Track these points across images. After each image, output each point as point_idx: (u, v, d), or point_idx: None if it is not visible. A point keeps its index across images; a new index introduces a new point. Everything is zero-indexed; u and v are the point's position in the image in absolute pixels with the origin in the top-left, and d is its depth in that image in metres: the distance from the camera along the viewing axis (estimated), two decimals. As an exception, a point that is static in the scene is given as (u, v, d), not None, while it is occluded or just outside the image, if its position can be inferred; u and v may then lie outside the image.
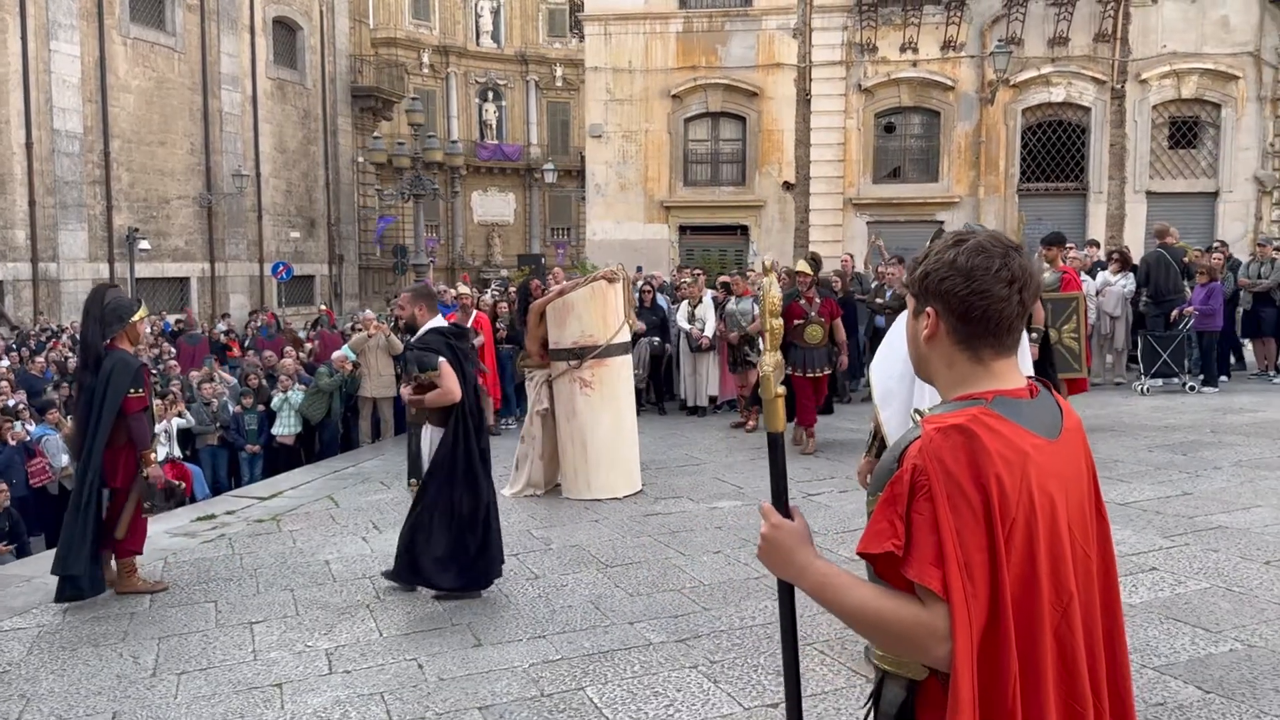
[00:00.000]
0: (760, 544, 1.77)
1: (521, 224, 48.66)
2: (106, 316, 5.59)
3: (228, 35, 27.61)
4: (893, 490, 1.57)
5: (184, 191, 26.28)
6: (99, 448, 5.53)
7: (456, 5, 46.45)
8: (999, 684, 1.57)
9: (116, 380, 5.48)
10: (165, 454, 11.13)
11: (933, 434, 1.57)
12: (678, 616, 4.93)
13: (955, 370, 1.70)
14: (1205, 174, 22.44)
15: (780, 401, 1.88)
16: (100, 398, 5.49)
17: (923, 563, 1.52)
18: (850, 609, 1.60)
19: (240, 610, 5.43)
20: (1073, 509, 1.69)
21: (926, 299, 1.70)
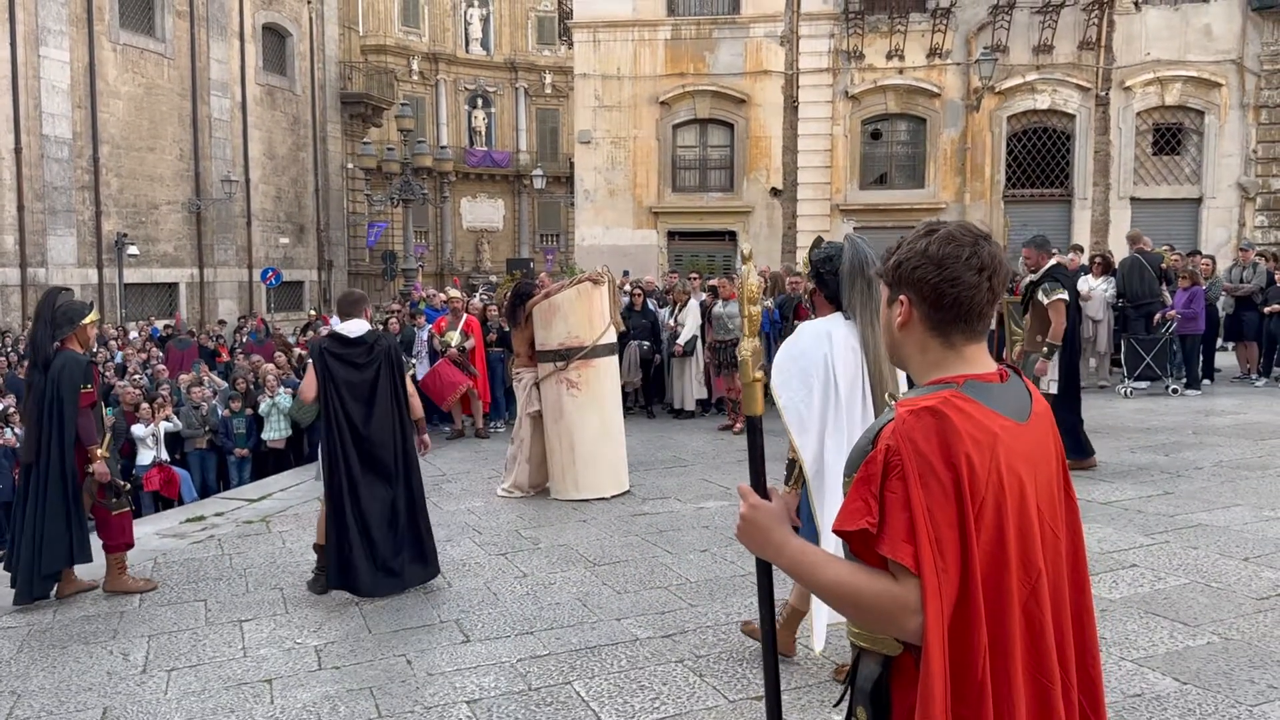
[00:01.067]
0: (739, 524, 1.83)
1: (510, 230, 48.74)
2: (57, 319, 5.64)
3: (217, 41, 27.61)
4: (867, 470, 1.63)
5: (173, 197, 26.25)
6: (68, 445, 5.57)
7: (446, 13, 46.56)
8: (969, 656, 1.63)
9: (68, 377, 5.52)
10: (153, 457, 11.17)
11: (905, 415, 1.63)
12: (664, 613, 4.99)
13: (928, 355, 1.76)
14: (1189, 180, 22.66)
15: (759, 386, 1.94)
16: (54, 397, 5.53)
17: (895, 539, 1.58)
18: (825, 584, 1.66)
19: (230, 609, 5.46)
20: (1041, 490, 1.75)
21: (899, 287, 1.77)
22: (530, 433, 8.13)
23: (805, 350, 3.79)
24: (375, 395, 5.57)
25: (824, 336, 3.79)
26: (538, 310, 7.86)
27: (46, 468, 5.57)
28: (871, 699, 1.75)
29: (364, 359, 5.60)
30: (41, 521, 5.55)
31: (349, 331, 5.69)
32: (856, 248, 3.85)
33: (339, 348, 5.64)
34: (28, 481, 5.71)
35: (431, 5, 46.01)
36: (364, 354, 5.62)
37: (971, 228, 1.78)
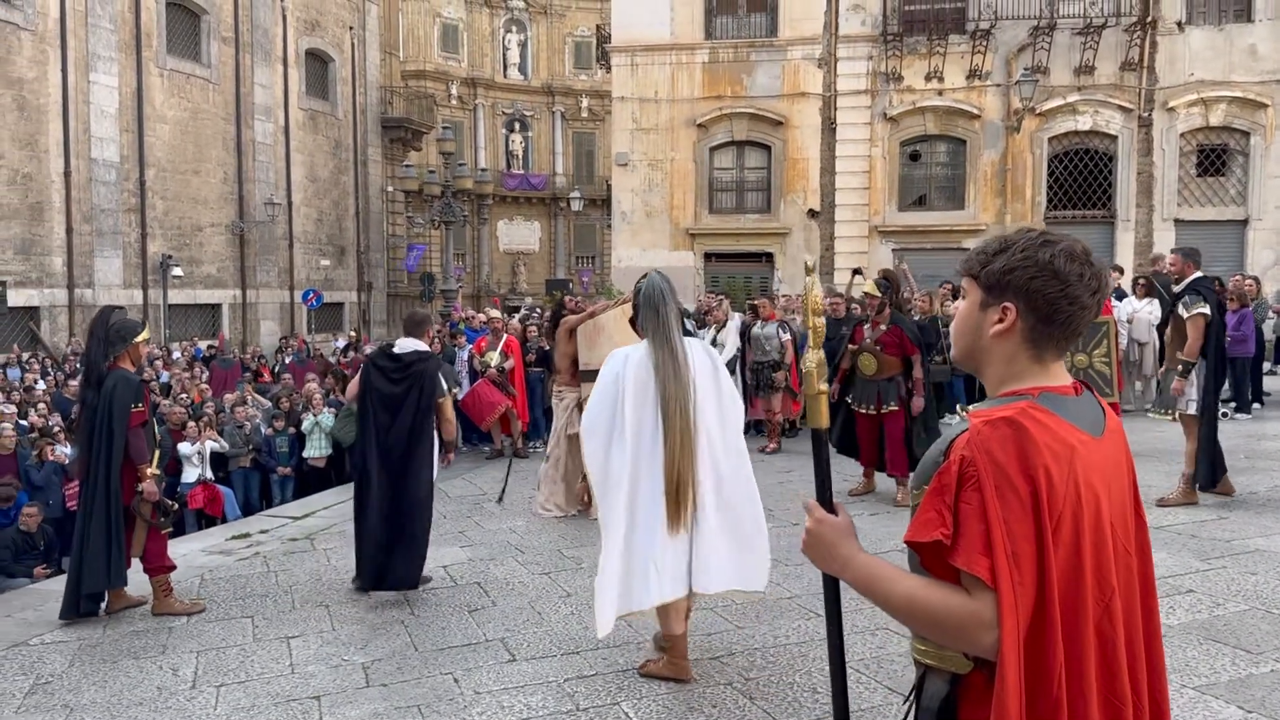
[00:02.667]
0: (805, 538, 1.80)
1: (546, 252, 49.05)
2: (110, 337, 5.70)
3: (261, 67, 28.10)
4: (940, 481, 1.60)
5: (217, 219, 26.67)
6: (116, 464, 5.61)
7: (485, 39, 47.13)
8: (1045, 673, 1.59)
9: (120, 396, 5.57)
10: (198, 475, 11.30)
11: (980, 426, 1.60)
12: (710, 635, 4.94)
13: (1012, 367, 1.73)
14: (1234, 201, 22.34)
15: (823, 398, 1.92)
16: (105, 415, 5.58)
17: (971, 551, 1.55)
18: (897, 600, 1.63)
19: (277, 625, 5.49)
20: (1115, 506, 1.71)
21: (1004, 294, 1.71)
22: (566, 452, 8.13)
23: (606, 372, 4.31)
24: (401, 408, 5.96)
25: (622, 359, 4.27)
26: (582, 330, 7.87)
27: (94, 486, 5.63)
28: (939, 718, 1.71)
29: (399, 375, 6.00)
30: (86, 539, 5.60)
31: (397, 348, 6.13)
32: (652, 282, 4.37)
33: (383, 361, 6.12)
34: (81, 497, 5.78)
35: (471, 31, 46.60)
36: (400, 371, 6.01)
37: (1084, 245, 1.75)
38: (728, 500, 4.28)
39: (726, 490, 4.28)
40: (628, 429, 4.16)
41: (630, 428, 4.15)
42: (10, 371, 17.89)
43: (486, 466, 10.71)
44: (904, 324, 7.99)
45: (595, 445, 4.23)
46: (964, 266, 1.82)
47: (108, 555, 5.58)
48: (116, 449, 5.60)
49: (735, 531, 4.29)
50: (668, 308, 4.27)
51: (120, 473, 5.65)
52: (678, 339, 4.25)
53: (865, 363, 7.99)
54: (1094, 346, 9.08)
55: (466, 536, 7.46)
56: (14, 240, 20.91)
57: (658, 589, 4.11)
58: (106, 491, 5.60)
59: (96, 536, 5.57)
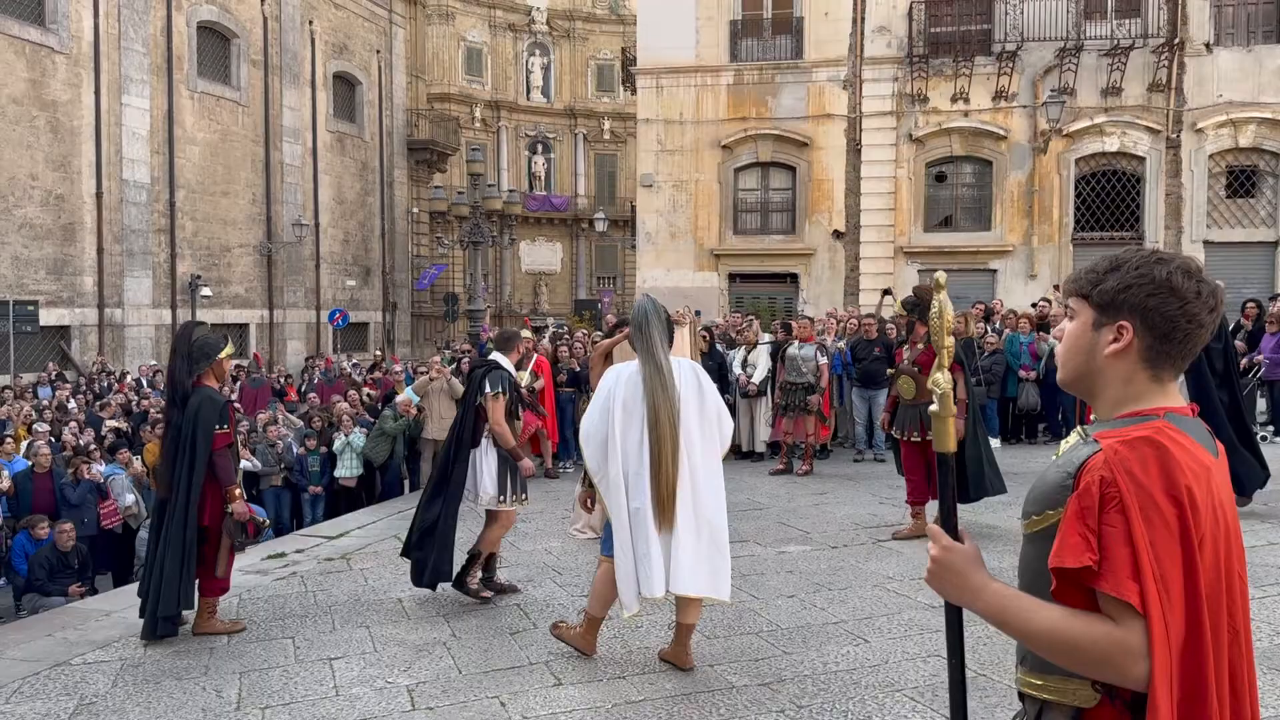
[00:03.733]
0: (930, 567, 1.75)
1: (568, 273, 49.21)
2: (194, 354, 5.68)
3: (290, 90, 28.40)
4: (1080, 504, 1.55)
5: (245, 240, 26.91)
6: (196, 486, 5.58)
7: (509, 62, 47.50)
8: (1200, 701, 1.53)
9: (204, 416, 5.55)
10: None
11: (1117, 446, 1.55)
12: (758, 660, 4.88)
13: (1131, 388, 1.68)
14: (1265, 223, 22.13)
15: (951, 422, 1.88)
16: (189, 435, 5.56)
17: (1119, 577, 1.50)
18: (1037, 631, 1.57)
19: (318, 646, 5.46)
20: (1234, 529, 1.67)
21: (1119, 312, 1.67)
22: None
23: (601, 386, 4.84)
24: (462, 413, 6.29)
25: (615, 374, 4.78)
26: (619, 351, 7.82)
27: (173, 507, 5.59)
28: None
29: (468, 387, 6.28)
30: (161, 561, 5.58)
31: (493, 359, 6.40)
32: (639, 306, 4.82)
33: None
34: (160, 517, 5.75)
35: (494, 55, 46.98)
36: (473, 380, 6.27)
37: (1198, 263, 1.72)
38: (702, 511, 4.61)
39: (701, 501, 4.61)
40: (617, 440, 4.62)
41: (619, 438, 4.62)
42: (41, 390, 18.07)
43: (517, 487, 10.68)
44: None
45: (592, 450, 4.75)
46: (1072, 286, 1.77)
47: (180, 578, 5.54)
48: (198, 471, 5.55)
49: (709, 541, 4.61)
50: (651, 328, 4.68)
51: (201, 495, 5.62)
52: (663, 357, 4.68)
53: (904, 386, 7.53)
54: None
55: (502, 557, 7.41)
56: (46, 260, 21.15)
57: (660, 582, 4.54)
58: (185, 514, 5.55)
59: (172, 560, 5.54)
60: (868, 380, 11.48)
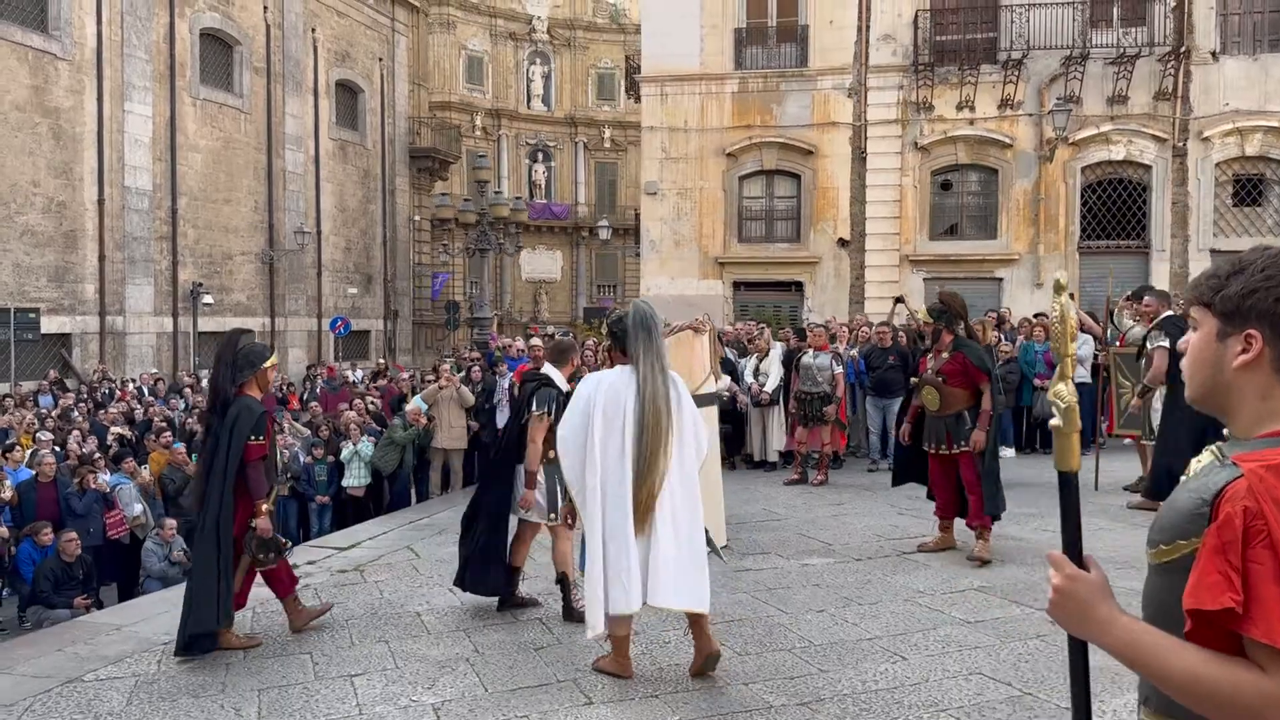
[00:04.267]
0: (1052, 597, 1.61)
1: (568, 281, 49.15)
2: (238, 362, 5.58)
3: (292, 97, 28.31)
4: (1221, 537, 1.40)
5: (247, 248, 26.78)
6: (229, 497, 5.47)
7: (509, 71, 47.51)
8: None
9: (240, 426, 5.44)
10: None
11: (1262, 472, 1.41)
12: (794, 678, 4.74)
13: (1269, 403, 1.53)
14: (1272, 231, 22.03)
15: (1076, 437, 1.74)
16: (225, 444, 5.45)
17: (1270, 620, 1.35)
18: (1174, 675, 1.43)
19: (337, 662, 5.32)
20: None
21: (1246, 320, 1.53)
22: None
23: (578, 393, 4.74)
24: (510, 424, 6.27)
25: (595, 381, 4.69)
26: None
27: (205, 518, 5.49)
28: None
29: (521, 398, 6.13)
30: (195, 574, 5.48)
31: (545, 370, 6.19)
32: (638, 307, 4.73)
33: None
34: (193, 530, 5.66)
35: (495, 64, 46.98)
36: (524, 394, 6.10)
37: None
38: (681, 523, 4.58)
39: (679, 514, 4.58)
40: (596, 447, 4.54)
41: (599, 446, 4.54)
42: (42, 399, 17.92)
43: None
44: (968, 349, 7.01)
45: (571, 461, 4.64)
46: (1193, 293, 1.63)
47: (215, 593, 5.41)
48: (229, 481, 5.45)
49: (689, 553, 4.59)
50: (651, 332, 4.62)
51: (234, 506, 5.51)
52: (664, 361, 4.65)
53: (928, 397, 7.10)
54: (1156, 378, 8.84)
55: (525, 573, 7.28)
56: (48, 267, 21.01)
57: (637, 596, 4.51)
58: (217, 525, 5.44)
59: (203, 574, 5.43)
60: (882, 389, 11.36)
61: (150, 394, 18.07)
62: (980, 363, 7.01)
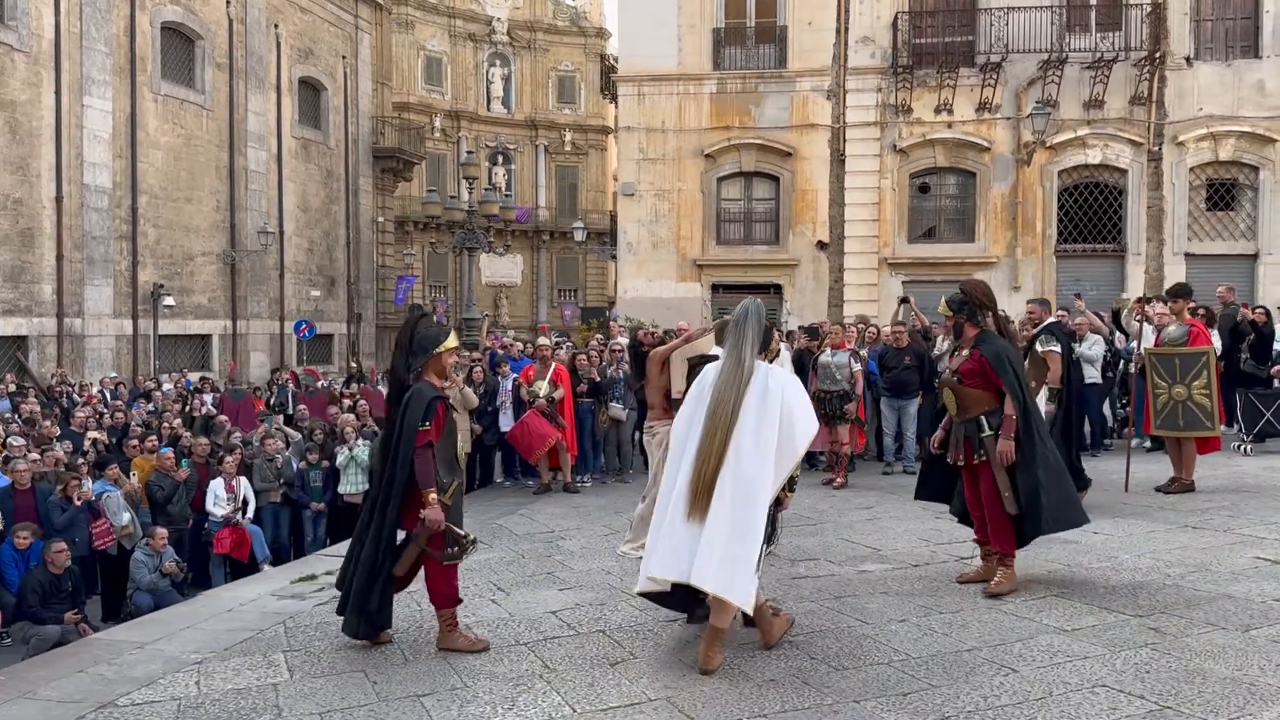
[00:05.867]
0: None
1: (529, 285, 48.68)
2: (414, 347, 5.26)
3: (255, 94, 27.56)
4: None
5: (208, 248, 25.97)
6: (397, 487, 5.18)
7: (469, 72, 46.97)
8: None
9: (410, 412, 5.13)
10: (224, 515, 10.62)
11: None
12: (906, 694, 4.42)
13: None
14: (1244, 236, 22.36)
15: None
16: (398, 433, 5.17)
17: None
18: None
19: (399, 681, 4.90)
20: None
21: None
22: (660, 492, 7.63)
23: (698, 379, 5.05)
24: None
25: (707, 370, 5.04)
26: (676, 357, 7.40)
27: (373, 508, 5.26)
28: None
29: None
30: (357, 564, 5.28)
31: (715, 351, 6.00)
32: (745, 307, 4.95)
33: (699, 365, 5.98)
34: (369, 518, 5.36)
35: (454, 65, 46.42)
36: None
37: None
38: (738, 516, 4.58)
39: (739, 504, 4.59)
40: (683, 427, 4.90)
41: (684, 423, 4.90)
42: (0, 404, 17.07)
43: (539, 502, 10.16)
44: (987, 345, 6.04)
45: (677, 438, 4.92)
46: None
47: (369, 587, 5.21)
48: (400, 471, 5.15)
49: (739, 544, 4.56)
50: (747, 327, 4.82)
51: (401, 497, 5.18)
52: (749, 355, 4.78)
53: (946, 399, 6.30)
54: (1193, 378, 8.72)
55: (558, 578, 6.91)
56: (3, 267, 20.14)
57: (659, 565, 4.70)
58: (383, 517, 5.20)
59: (364, 565, 5.23)
60: (898, 390, 11.13)
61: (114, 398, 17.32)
62: (996, 360, 5.98)
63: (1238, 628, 5.04)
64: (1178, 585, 5.90)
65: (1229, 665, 4.52)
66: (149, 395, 17.70)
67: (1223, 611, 5.32)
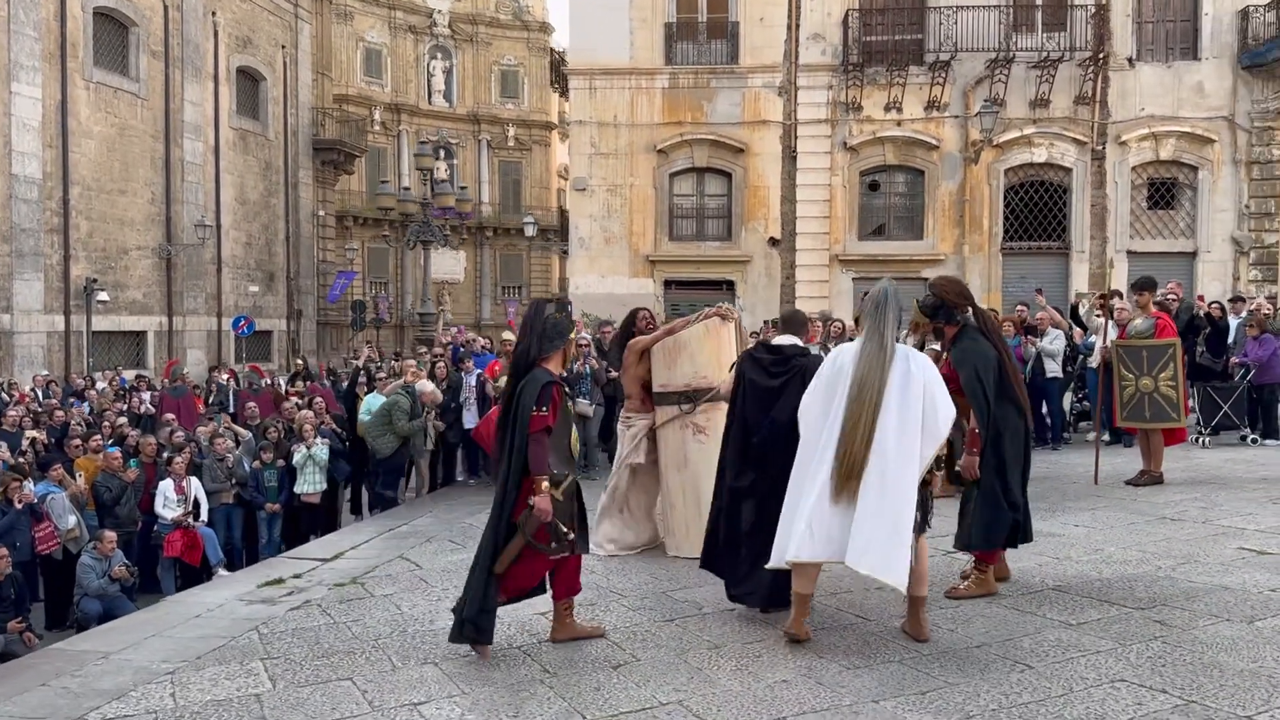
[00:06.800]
0: None
1: (472, 282, 48.17)
2: (546, 332, 5.07)
3: (191, 83, 26.75)
4: None
5: (143, 242, 25.14)
6: (514, 475, 4.96)
7: (409, 65, 46.34)
8: None
9: (525, 397, 4.93)
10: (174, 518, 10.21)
11: None
12: (925, 693, 4.30)
13: None
14: (1184, 234, 22.87)
15: None
16: (513, 419, 4.98)
17: None
18: None
19: (390, 689, 4.65)
20: None
21: None
22: (628, 485, 7.46)
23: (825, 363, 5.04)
24: (777, 403, 5.56)
25: (838, 352, 5.01)
26: (660, 349, 7.22)
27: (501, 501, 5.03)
28: None
29: (778, 369, 5.69)
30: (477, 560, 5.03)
31: (776, 340, 5.95)
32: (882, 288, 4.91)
33: (761, 353, 5.91)
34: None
35: (394, 57, 45.76)
36: (780, 364, 5.70)
37: None
38: (889, 494, 4.60)
39: (889, 485, 4.61)
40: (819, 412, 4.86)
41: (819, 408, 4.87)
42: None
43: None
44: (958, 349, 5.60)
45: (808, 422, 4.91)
46: None
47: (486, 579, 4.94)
48: (515, 458, 4.95)
49: (891, 525, 4.59)
50: (887, 310, 4.78)
51: (518, 486, 4.96)
52: (890, 338, 4.76)
53: None
54: (1160, 370, 8.79)
55: (540, 579, 6.68)
56: (-74, 260, 19.23)
57: (808, 547, 4.69)
58: (500, 505, 5.00)
59: (482, 556, 4.99)
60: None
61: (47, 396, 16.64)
62: (960, 363, 5.53)
63: (1242, 619, 5.02)
64: (1171, 577, 5.89)
65: (1243, 658, 4.48)
66: (82, 394, 17.04)
67: (1223, 603, 5.31)
